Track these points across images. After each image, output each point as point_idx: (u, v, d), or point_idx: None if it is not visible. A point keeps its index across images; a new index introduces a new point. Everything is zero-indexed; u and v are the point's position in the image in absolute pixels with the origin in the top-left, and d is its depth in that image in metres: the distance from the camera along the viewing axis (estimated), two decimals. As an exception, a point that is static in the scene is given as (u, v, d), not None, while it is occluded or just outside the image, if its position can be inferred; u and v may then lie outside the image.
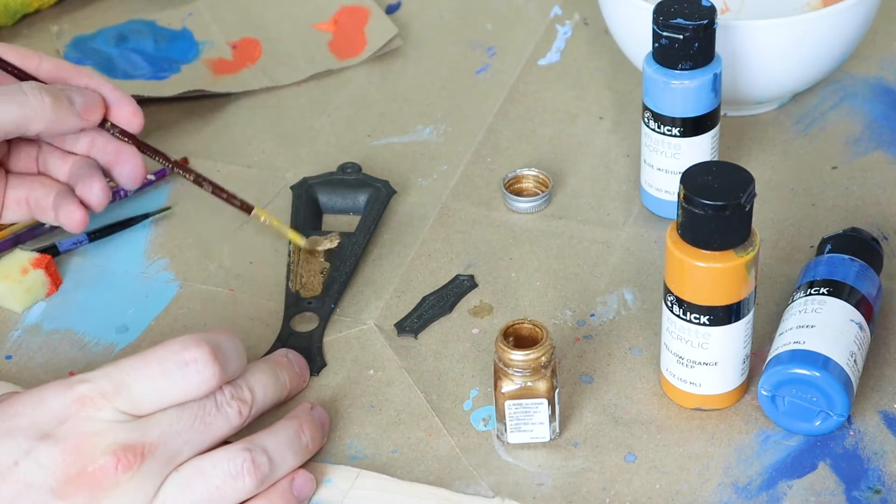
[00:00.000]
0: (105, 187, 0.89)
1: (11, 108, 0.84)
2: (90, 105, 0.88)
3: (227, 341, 0.77)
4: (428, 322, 0.91)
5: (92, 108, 0.89)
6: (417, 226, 0.98)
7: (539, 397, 0.80)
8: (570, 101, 1.09)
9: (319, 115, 1.09)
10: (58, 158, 0.91)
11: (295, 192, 0.99)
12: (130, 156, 0.90)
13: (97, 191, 0.89)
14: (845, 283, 0.84)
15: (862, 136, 1.03)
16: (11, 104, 0.84)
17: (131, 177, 0.90)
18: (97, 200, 0.89)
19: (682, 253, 0.78)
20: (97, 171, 0.90)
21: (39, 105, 0.85)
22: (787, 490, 0.79)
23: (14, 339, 0.91)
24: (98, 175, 0.89)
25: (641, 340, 0.89)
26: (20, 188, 0.91)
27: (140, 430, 0.73)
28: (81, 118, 0.88)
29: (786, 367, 0.80)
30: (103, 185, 0.89)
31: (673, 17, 0.89)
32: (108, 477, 0.72)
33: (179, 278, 0.95)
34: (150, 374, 0.74)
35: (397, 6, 1.19)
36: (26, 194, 0.91)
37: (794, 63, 0.99)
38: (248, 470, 0.75)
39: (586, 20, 1.16)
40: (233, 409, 0.77)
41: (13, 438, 0.72)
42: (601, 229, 0.97)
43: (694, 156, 0.93)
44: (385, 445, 0.83)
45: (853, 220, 0.95)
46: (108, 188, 0.90)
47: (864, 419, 0.83)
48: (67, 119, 0.87)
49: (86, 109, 0.88)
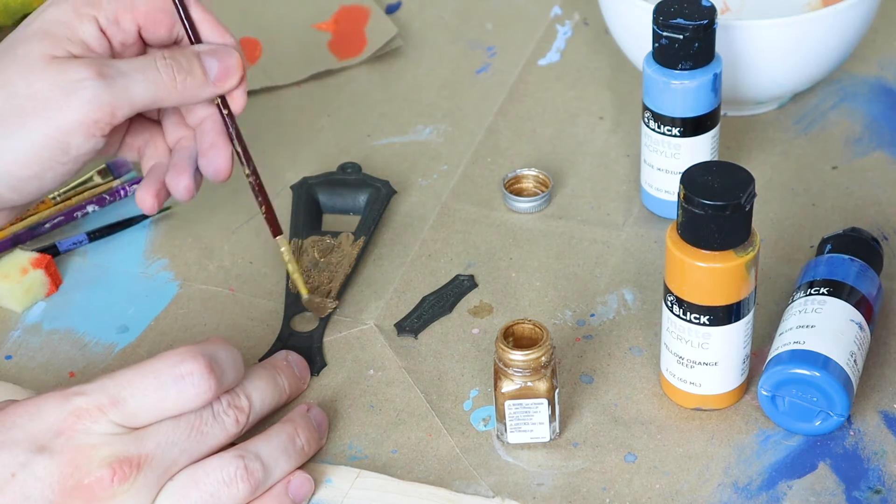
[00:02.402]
0: (191, 186, 0.87)
1: (146, 87, 0.83)
2: (226, 71, 0.86)
3: (223, 352, 0.77)
4: (428, 322, 0.91)
5: (228, 75, 0.86)
6: (417, 226, 0.98)
7: (539, 397, 0.80)
8: (570, 101, 1.09)
9: (319, 115, 1.09)
10: (174, 123, 0.89)
11: (295, 192, 0.99)
12: (222, 150, 0.87)
13: (182, 187, 0.87)
14: (845, 283, 0.84)
15: (862, 136, 1.03)
16: (145, 83, 0.83)
17: (216, 170, 0.87)
18: (180, 195, 0.87)
19: (682, 253, 0.78)
20: (191, 167, 0.87)
21: (171, 82, 0.83)
22: (787, 490, 0.79)
23: (14, 339, 0.91)
24: (190, 171, 0.87)
25: (641, 340, 0.89)
26: (139, 137, 0.90)
27: (136, 442, 0.73)
28: (216, 85, 0.86)
29: (786, 367, 0.80)
30: (190, 184, 0.87)
31: (673, 17, 0.89)
32: (104, 489, 0.72)
33: (179, 278, 0.95)
34: (146, 388, 0.74)
35: (397, 6, 1.19)
36: (141, 145, 0.90)
37: (794, 63, 0.99)
38: (242, 477, 0.75)
39: (586, 20, 1.16)
40: (230, 418, 0.77)
41: (10, 451, 0.72)
42: (601, 229, 0.97)
43: (694, 156, 0.93)
44: (385, 445, 0.83)
45: (853, 220, 0.95)
46: (194, 186, 0.87)
47: (864, 419, 0.83)
48: (201, 90, 0.85)
49: (221, 76, 0.85)
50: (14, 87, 0.81)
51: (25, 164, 0.82)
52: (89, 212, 1.00)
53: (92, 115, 0.81)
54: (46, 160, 0.82)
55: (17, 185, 0.83)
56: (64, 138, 0.81)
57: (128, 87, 0.82)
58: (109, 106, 0.81)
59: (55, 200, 0.99)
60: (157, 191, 0.87)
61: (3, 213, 0.86)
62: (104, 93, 0.81)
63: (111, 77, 0.82)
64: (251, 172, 0.89)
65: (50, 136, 0.81)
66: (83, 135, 0.82)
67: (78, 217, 0.99)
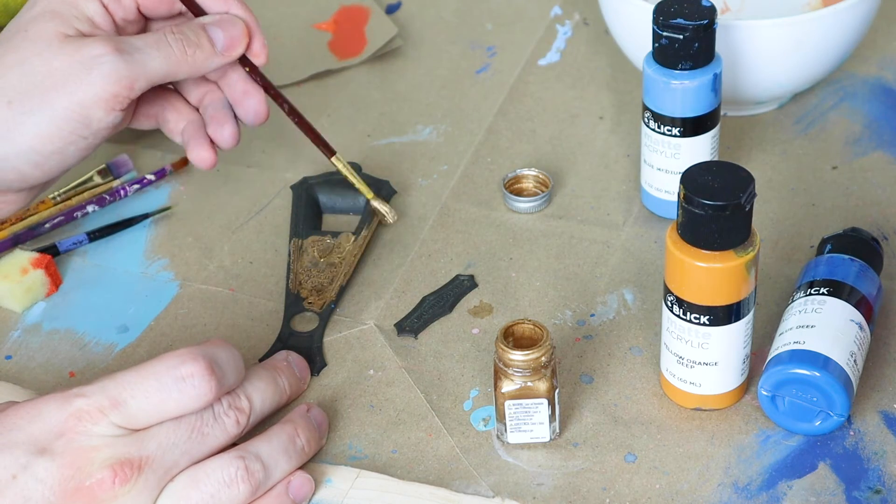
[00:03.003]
0: (235, 131, 0.90)
1: (160, 62, 0.85)
2: (232, 41, 0.88)
3: (223, 353, 0.77)
4: (428, 322, 0.91)
5: (234, 44, 0.88)
6: (417, 226, 0.98)
7: (539, 397, 0.80)
8: (570, 101, 1.09)
9: (319, 115, 1.08)
10: (193, 83, 0.91)
11: (295, 192, 0.99)
12: (255, 93, 0.90)
13: (228, 135, 0.89)
14: (845, 283, 0.84)
15: (862, 136, 1.03)
16: (160, 58, 0.85)
17: (255, 115, 0.90)
18: (227, 143, 0.90)
19: (682, 253, 0.78)
20: (229, 114, 0.90)
21: (183, 56, 0.86)
22: (787, 490, 0.79)
23: (14, 339, 0.91)
24: (230, 118, 0.90)
25: (641, 340, 0.89)
26: (154, 104, 0.91)
27: (137, 444, 0.73)
28: (223, 55, 0.88)
29: (786, 367, 0.80)
30: (234, 129, 0.90)
31: (673, 17, 0.89)
32: (105, 491, 0.72)
33: (179, 278, 0.95)
34: (147, 389, 0.74)
35: (397, 6, 1.19)
36: (157, 112, 0.91)
37: (794, 63, 0.99)
38: (242, 477, 0.75)
39: (586, 20, 1.16)
40: (230, 419, 0.77)
41: (11, 453, 0.72)
42: (601, 229, 0.97)
43: (694, 156, 0.93)
44: (385, 445, 0.83)
45: (853, 220, 0.95)
46: (238, 131, 0.90)
47: (864, 419, 0.83)
48: (210, 61, 0.87)
49: (228, 47, 0.88)
50: (31, 65, 0.83)
51: (48, 140, 0.84)
52: (89, 212, 1.00)
53: (111, 89, 0.83)
54: (68, 135, 0.84)
55: (40, 161, 0.84)
56: (85, 112, 0.83)
57: (144, 61, 0.84)
58: (128, 80, 0.83)
59: (55, 200, 0.99)
60: (208, 144, 0.89)
61: (24, 194, 0.87)
62: (122, 67, 0.83)
63: (128, 52, 0.84)
64: (289, 111, 0.92)
65: (71, 110, 0.83)
66: (103, 109, 0.84)
67: (78, 217, 0.99)
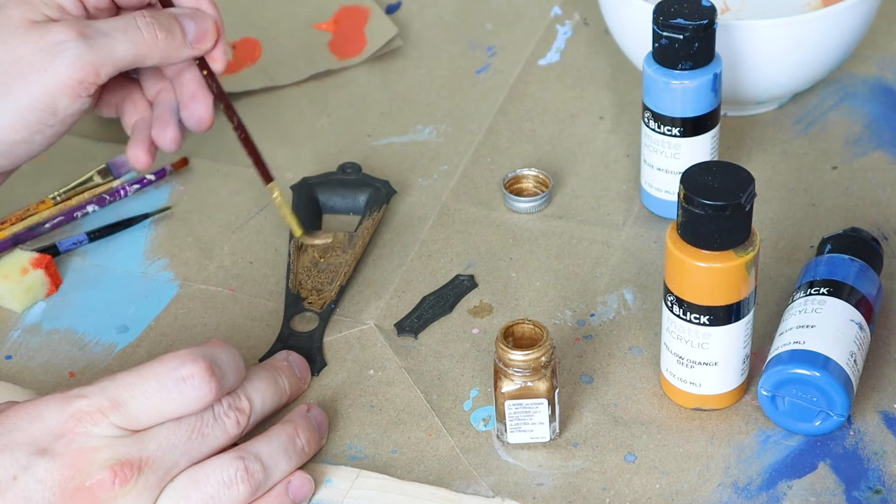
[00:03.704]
0: (177, 136, 0.89)
1: (128, 47, 0.84)
2: (203, 34, 0.87)
3: (224, 354, 0.77)
4: (428, 322, 0.91)
5: (204, 37, 0.87)
6: (417, 226, 0.98)
7: (539, 397, 0.80)
8: (570, 101, 1.09)
9: (319, 115, 1.09)
10: (152, 76, 0.91)
11: (295, 192, 0.99)
12: (203, 99, 0.89)
13: (169, 139, 0.88)
14: (845, 283, 0.84)
15: (862, 136, 1.03)
16: (127, 42, 0.84)
17: (198, 120, 0.89)
18: (168, 147, 0.89)
19: (682, 253, 0.78)
20: (173, 118, 0.89)
21: (153, 41, 0.85)
22: (787, 490, 0.79)
23: (14, 339, 0.91)
24: (174, 121, 0.89)
25: (641, 340, 0.89)
26: (116, 93, 0.91)
27: (137, 444, 0.73)
28: (193, 47, 0.87)
29: (786, 367, 0.80)
30: (176, 134, 0.89)
31: (673, 17, 0.89)
32: (105, 492, 0.72)
33: (179, 278, 0.95)
34: (147, 391, 0.74)
35: (397, 6, 1.19)
36: (118, 102, 0.91)
37: (794, 63, 0.99)
38: (242, 478, 0.75)
39: (586, 20, 1.16)
40: (230, 420, 0.77)
41: (11, 453, 0.72)
42: (601, 229, 0.97)
43: (694, 156, 0.93)
44: (385, 445, 0.83)
45: (853, 220, 0.95)
46: (181, 136, 0.89)
47: (864, 419, 0.83)
48: (181, 51, 0.87)
49: (198, 38, 0.87)
50: None
51: (14, 129, 0.83)
52: (89, 212, 1.00)
53: (76, 76, 0.82)
54: (34, 123, 0.83)
55: (6, 151, 0.84)
56: (50, 101, 0.83)
57: (110, 46, 0.83)
58: (93, 66, 0.83)
59: (55, 200, 0.99)
60: (147, 146, 0.89)
61: None
62: (87, 53, 0.82)
63: (92, 37, 0.83)
64: (236, 126, 0.90)
65: (36, 99, 0.82)
66: (69, 96, 0.83)
67: (78, 217, 0.99)
